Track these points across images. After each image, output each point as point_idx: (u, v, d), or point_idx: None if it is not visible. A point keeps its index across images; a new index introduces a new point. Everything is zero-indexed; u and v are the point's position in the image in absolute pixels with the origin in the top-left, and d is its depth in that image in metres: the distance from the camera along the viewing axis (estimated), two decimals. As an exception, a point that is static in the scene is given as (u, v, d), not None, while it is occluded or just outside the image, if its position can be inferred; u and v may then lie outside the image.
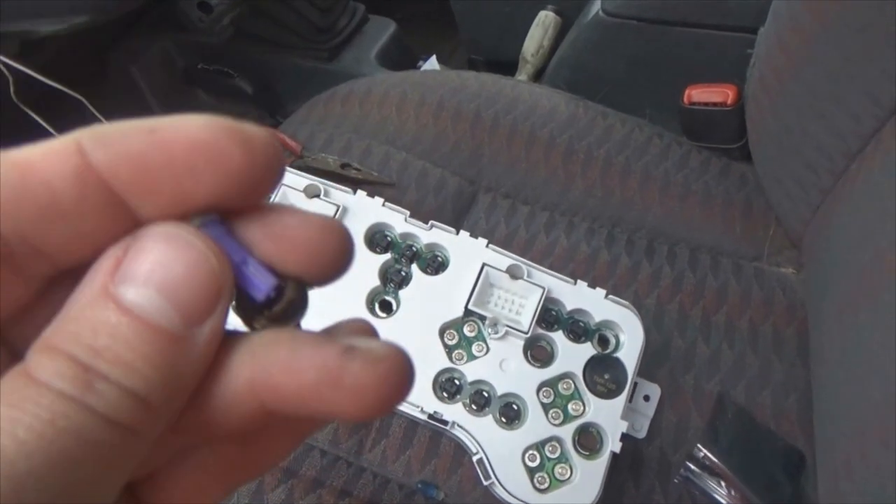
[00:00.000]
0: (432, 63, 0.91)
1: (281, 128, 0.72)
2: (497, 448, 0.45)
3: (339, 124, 0.70)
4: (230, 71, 0.92)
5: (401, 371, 0.13)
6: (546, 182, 0.68)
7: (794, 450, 0.52)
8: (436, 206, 0.64)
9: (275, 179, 0.13)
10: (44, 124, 0.67)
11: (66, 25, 0.53)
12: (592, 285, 0.50)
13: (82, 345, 0.11)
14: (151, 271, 0.11)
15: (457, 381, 0.46)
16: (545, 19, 0.86)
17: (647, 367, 0.54)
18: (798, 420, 0.54)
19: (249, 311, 0.13)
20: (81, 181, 0.11)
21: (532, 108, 0.71)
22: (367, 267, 0.48)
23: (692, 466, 0.49)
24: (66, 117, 0.78)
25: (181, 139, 0.12)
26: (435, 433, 0.51)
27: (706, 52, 0.69)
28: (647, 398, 0.51)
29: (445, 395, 0.46)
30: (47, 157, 0.12)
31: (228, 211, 0.13)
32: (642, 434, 0.50)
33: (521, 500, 0.43)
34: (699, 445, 0.49)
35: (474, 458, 0.47)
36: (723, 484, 0.49)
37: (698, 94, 0.66)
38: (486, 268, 0.47)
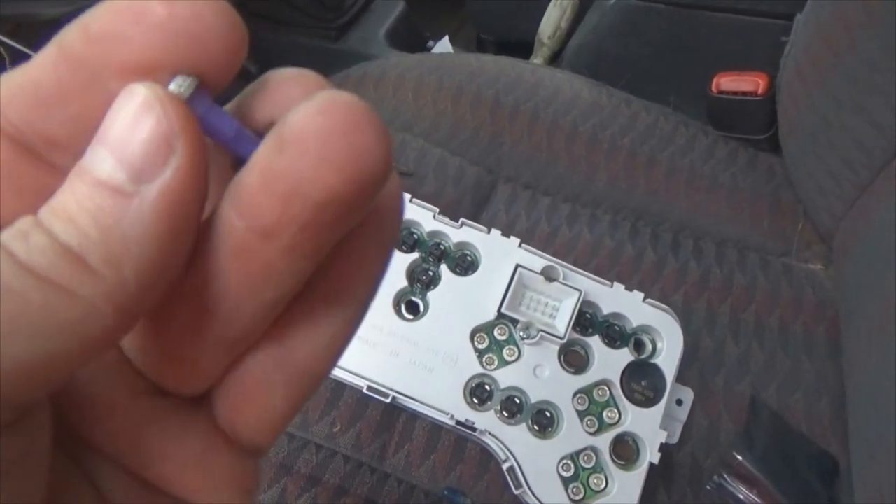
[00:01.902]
0: (445, 45, 0.88)
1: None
2: (530, 457, 0.43)
3: (352, 109, 0.67)
4: (233, 49, 0.89)
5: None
6: (568, 172, 0.65)
7: (828, 455, 0.50)
8: (455, 198, 0.62)
9: (230, 36, 0.12)
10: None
11: (73, 7, 0.49)
12: (619, 282, 0.48)
13: (49, 206, 0.11)
14: (104, 128, 0.11)
15: (488, 388, 0.44)
16: (562, 0, 0.83)
17: (678, 369, 0.52)
18: (831, 424, 0.53)
19: None
20: (56, 67, 0.11)
21: (554, 95, 0.68)
22: (393, 266, 0.46)
23: (726, 474, 0.48)
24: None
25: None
26: (459, 437, 0.49)
27: (736, 39, 0.66)
28: (679, 402, 0.49)
29: (476, 401, 0.44)
30: (37, 56, 0.12)
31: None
32: (675, 439, 0.49)
33: (555, 512, 0.42)
34: (734, 453, 0.48)
35: (504, 466, 0.45)
36: (756, 492, 0.47)
37: (727, 83, 0.64)
38: (519, 269, 0.45)
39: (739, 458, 0.48)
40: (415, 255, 0.46)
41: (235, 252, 0.12)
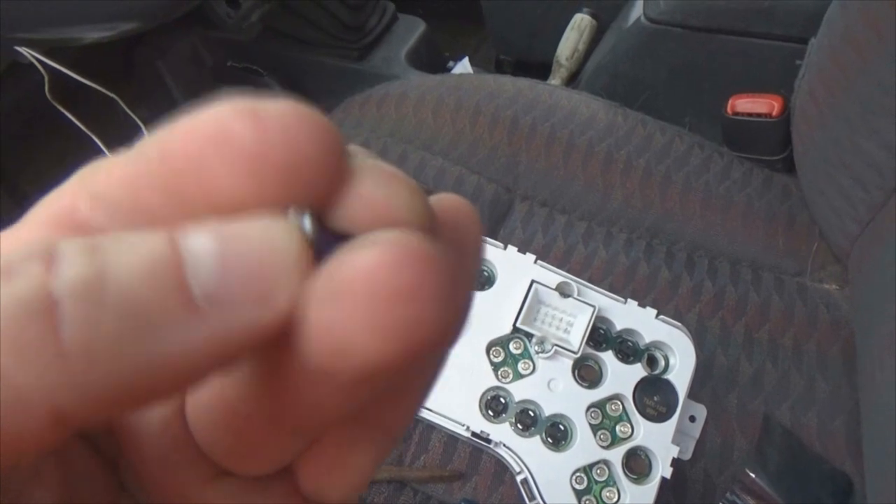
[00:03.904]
0: (464, 65, 0.90)
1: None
2: (543, 469, 0.44)
3: (374, 128, 0.69)
4: (259, 69, 0.91)
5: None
6: (584, 191, 0.66)
7: (842, 475, 0.51)
8: (473, 215, 0.63)
9: (319, 152, 0.10)
10: (77, 123, 0.66)
11: (115, 32, 0.52)
12: (633, 299, 0.49)
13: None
14: (228, 222, 0.09)
15: (503, 400, 0.45)
16: (581, 22, 0.85)
17: (691, 385, 0.52)
18: (845, 443, 0.53)
19: None
20: (136, 182, 0.10)
21: (570, 115, 0.69)
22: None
23: (739, 491, 0.48)
24: (98, 115, 0.77)
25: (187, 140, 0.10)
26: (475, 448, 0.50)
27: (751, 62, 0.67)
28: (692, 419, 0.50)
29: (491, 413, 0.45)
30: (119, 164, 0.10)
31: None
32: (688, 455, 0.49)
33: (569, 524, 0.42)
34: (747, 470, 0.48)
35: (518, 478, 0.46)
36: (770, 508, 0.48)
37: (742, 105, 0.65)
38: (534, 285, 0.46)
39: (752, 475, 0.48)
40: (433, 270, 0.47)
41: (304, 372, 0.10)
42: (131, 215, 0.10)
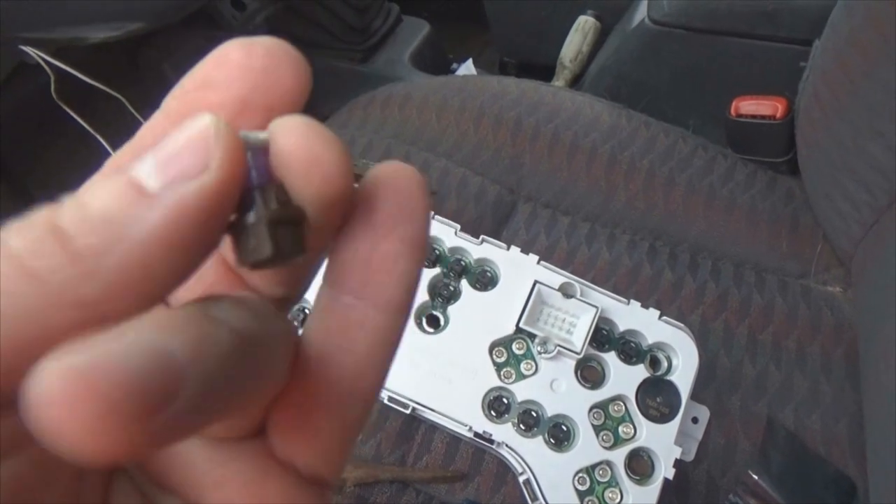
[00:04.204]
0: (468, 67, 0.90)
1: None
2: (546, 470, 0.44)
3: (378, 129, 0.70)
4: (263, 70, 0.91)
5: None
6: (587, 192, 0.66)
7: (845, 477, 0.50)
8: (476, 215, 0.63)
9: (289, 73, 0.13)
10: (83, 123, 0.66)
11: (121, 32, 0.52)
12: (636, 300, 0.49)
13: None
14: (162, 140, 0.11)
15: (505, 401, 0.45)
16: (584, 24, 0.85)
17: (694, 387, 0.52)
18: (849, 446, 0.53)
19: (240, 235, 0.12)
20: (156, 123, 0.14)
21: (574, 117, 0.69)
22: (415, 281, 0.47)
23: (741, 493, 0.48)
24: (104, 115, 0.77)
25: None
26: (478, 449, 0.50)
27: (755, 64, 0.67)
28: (695, 420, 0.50)
29: (494, 414, 0.45)
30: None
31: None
32: (690, 457, 0.49)
33: (571, 525, 0.42)
34: (750, 472, 0.48)
35: (521, 479, 0.46)
36: (772, 511, 0.48)
37: (746, 107, 0.65)
38: (537, 285, 0.46)
39: (755, 477, 0.48)
40: (436, 271, 0.48)
41: None
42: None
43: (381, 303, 0.14)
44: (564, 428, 0.45)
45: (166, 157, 0.11)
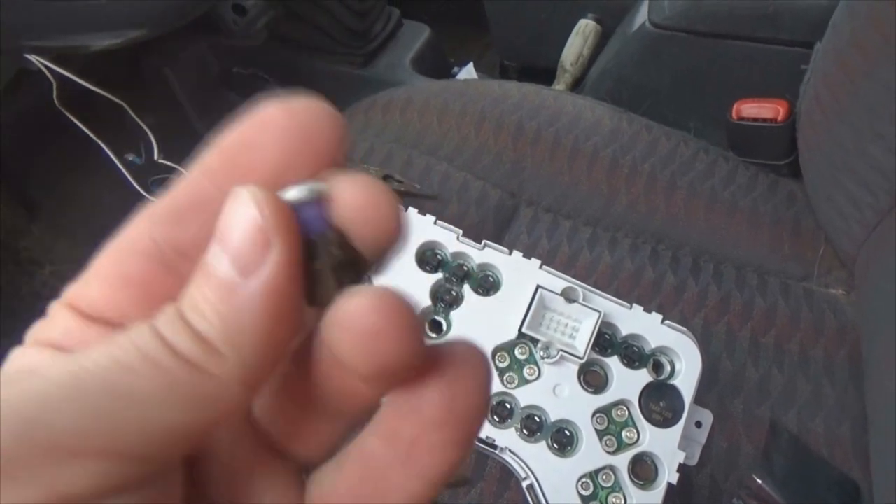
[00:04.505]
0: (469, 71, 0.90)
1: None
2: (549, 475, 0.44)
3: (379, 133, 0.70)
4: (265, 75, 0.92)
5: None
6: (589, 196, 0.66)
7: (849, 480, 0.50)
8: (477, 220, 0.63)
9: (330, 140, 0.13)
10: (85, 129, 0.66)
11: (123, 40, 0.52)
12: (639, 304, 0.49)
13: (184, 298, 0.13)
14: (219, 228, 0.13)
15: (508, 406, 0.45)
16: (585, 28, 0.85)
17: (696, 390, 0.52)
18: (853, 449, 0.53)
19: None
20: (193, 181, 0.14)
21: (575, 121, 0.69)
22: (417, 286, 0.47)
23: (745, 497, 0.48)
24: (106, 121, 0.78)
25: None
26: (481, 454, 0.50)
27: (756, 67, 0.67)
28: (698, 424, 0.50)
29: (497, 419, 0.45)
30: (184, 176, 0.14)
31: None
32: (694, 461, 0.49)
33: (575, 530, 0.42)
34: (753, 475, 0.48)
35: (524, 484, 0.46)
36: (776, 515, 0.48)
37: (748, 110, 0.65)
38: (540, 290, 0.46)
39: (759, 481, 0.48)
40: (438, 276, 0.48)
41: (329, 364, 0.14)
42: (187, 212, 0.14)
43: (422, 472, 0.14)
44: (567, 433, 0.45)
45: (235, 253, 0.12)
